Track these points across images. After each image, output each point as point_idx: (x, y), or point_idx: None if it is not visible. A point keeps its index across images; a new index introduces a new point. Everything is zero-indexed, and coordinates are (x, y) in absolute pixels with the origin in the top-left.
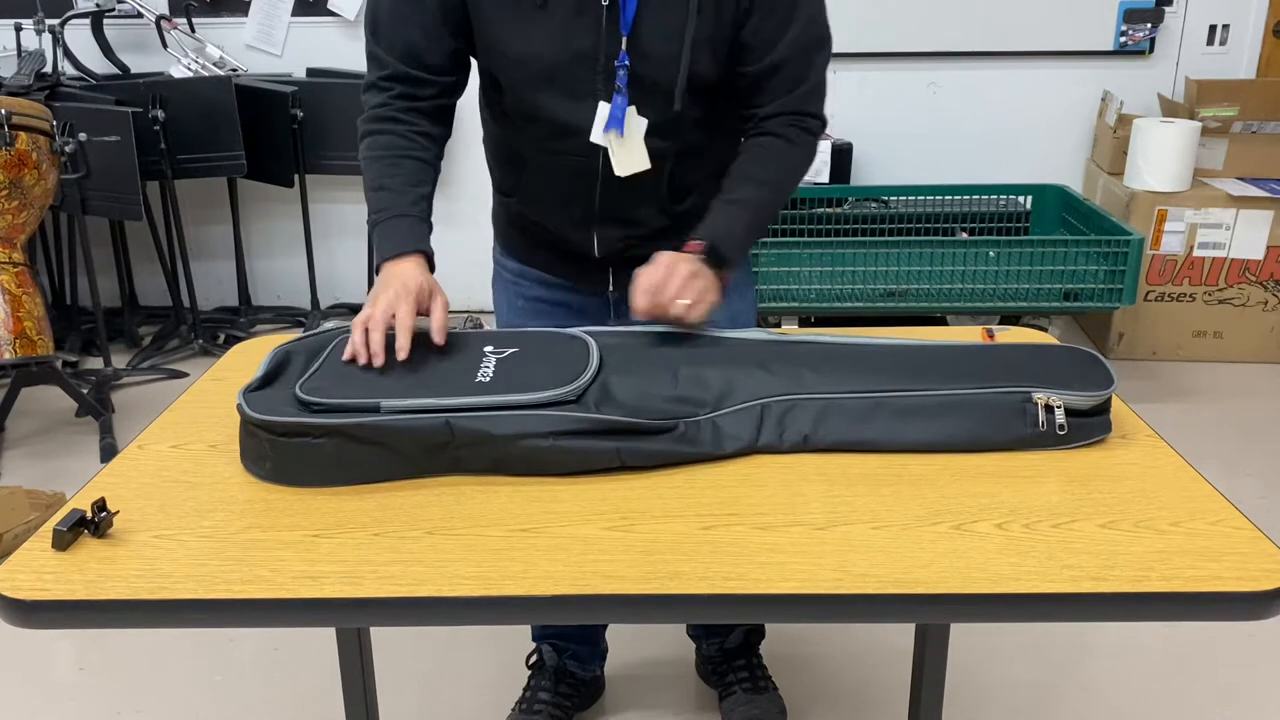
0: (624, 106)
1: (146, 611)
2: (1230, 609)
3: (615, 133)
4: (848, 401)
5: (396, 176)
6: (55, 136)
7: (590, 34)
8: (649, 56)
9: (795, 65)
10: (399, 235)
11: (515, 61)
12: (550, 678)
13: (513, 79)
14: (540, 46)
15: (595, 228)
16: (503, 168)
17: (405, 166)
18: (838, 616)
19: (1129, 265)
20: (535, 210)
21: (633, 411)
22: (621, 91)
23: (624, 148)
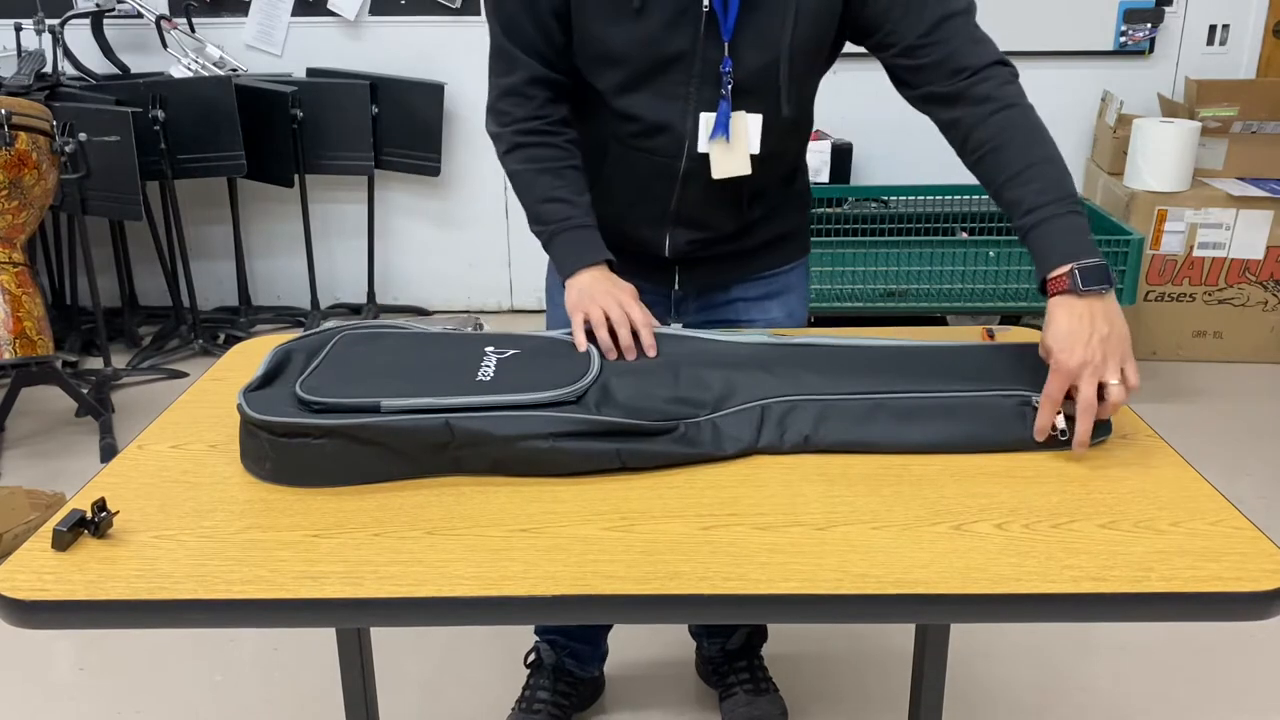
0: (728, 112)
1: (146, 611)
2: (1230, 609)
3: (721, 138)
4: (848, 403)
5: (565, 187)
6: (55, 136)
7: (687, 38)
8: (745, 63)
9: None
10: (586, 246)
11: (611, 61)
12: (549, 676)
13: (607, 77)
14: (637, 48)
15: (668, 228)
16: (583, 161)
17: (569, 177)
18: (838, 616)
19: (1129, 265)
20: (609, 206)
21: (633, 413)
22: (726, 97)
23: (727, 152)
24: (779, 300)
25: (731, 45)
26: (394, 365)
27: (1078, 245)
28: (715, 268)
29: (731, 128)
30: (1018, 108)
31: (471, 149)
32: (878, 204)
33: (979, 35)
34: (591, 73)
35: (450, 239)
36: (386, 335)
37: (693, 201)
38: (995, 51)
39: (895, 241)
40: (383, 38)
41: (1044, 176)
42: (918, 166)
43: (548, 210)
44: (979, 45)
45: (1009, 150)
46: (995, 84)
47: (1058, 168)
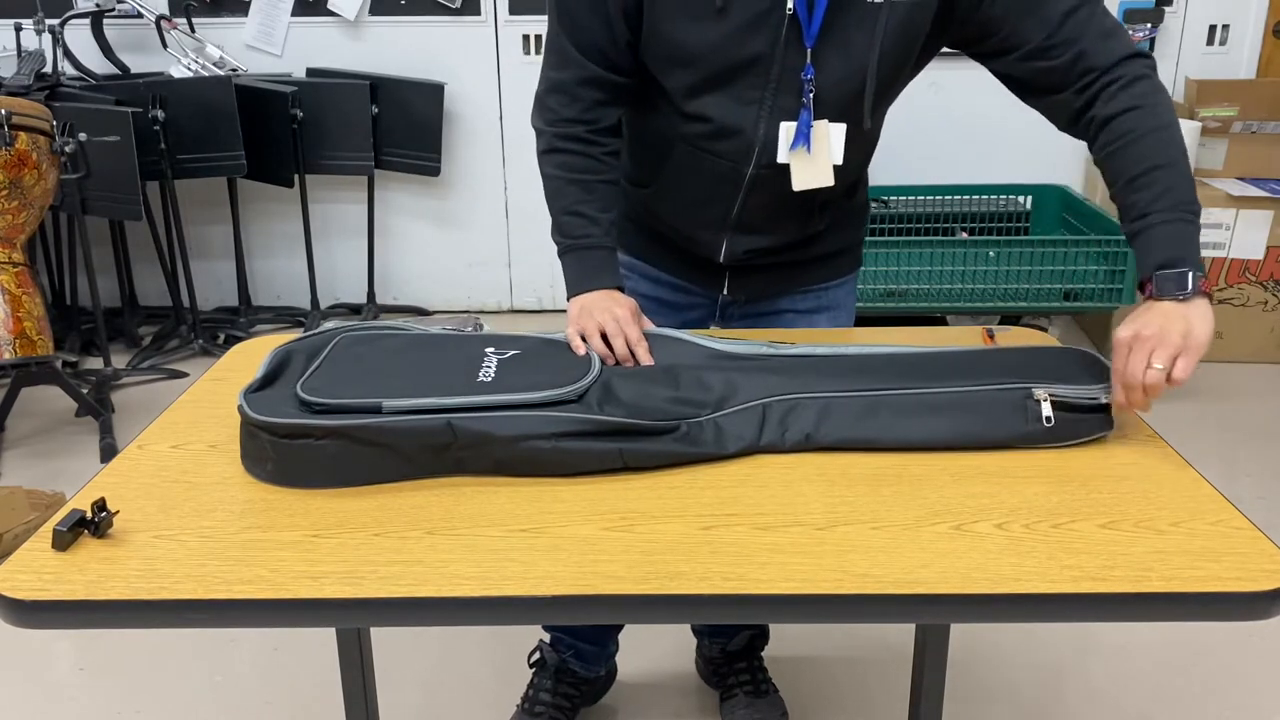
0: (809, 122)
1: (146, 611)
2: (1230, 609)
3: (802, 149)
4: (849, 400)
5: (591, 203)
6: (55, 136)
7: (767, 41)
8: (828, 71)
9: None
10: (598, 267)
11: (685, 61)
12: (551, 677)
13: (678, 77)
14: (715, 49)
15: (728, 234)
16: (642, 158)
17: (598, 191)
18: (838, 616)
19: (1129, 265)
20: (668, 206)
21: (634, 412)
22: (808, 106)
23: (808, 163)
24: (827, 315)
25: (814, 52)
26: (395, 366)
27: (1173, 251)
28: (767, 276)
29: (813, 137)
30: (1144, 109)
31: (471, 149)
32: (878, 204)
33: (1109, 26)
34: (661, 72)
35: (450, 239)
36: (386, 336)
37: (756, 209)
38: (1128, 44)
39: (895, 241)
40: (383, 38)
41: (1158, 183)
42: (918, 166)
43: (568, 223)
44: (1110, 40)
45: (1130, 153)
46: (1124, 83)
47: (1175, 173)
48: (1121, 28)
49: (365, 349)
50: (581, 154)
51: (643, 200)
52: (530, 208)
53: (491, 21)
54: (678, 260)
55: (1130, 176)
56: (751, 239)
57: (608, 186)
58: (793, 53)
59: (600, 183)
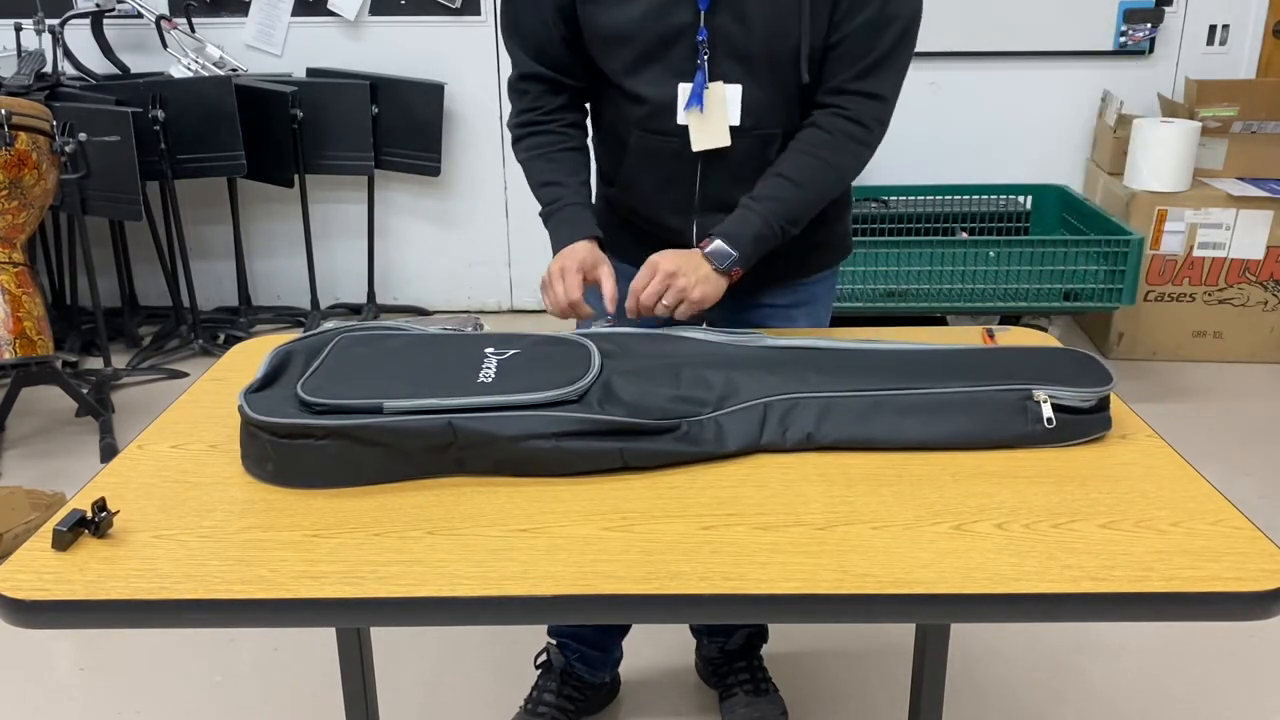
0: (703, 83)
1: (146, 611)
2: (1230, 609)
3: (696, 109)
4: (850, 400)
5: (556, 169)
6: (55, 136)
7: (688, 10)
8: (755, 29)
9: (865, 38)
10: (571, 223)
11: (616, 40)
12: (557, 679)
13: (617, 58)
14: (639, 25)
15: (695, 214)
16: (606, 154)
17: (561, 159)
18: (838, 616)
19: (1129, 265)
20: (634, 197)
21: (635, 411)
22: (702, 67)
23: (703, 123)
24: (806, 309)
25: (738, 12)
26: (395, 366)
27: (738, 232)
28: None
29: (707, 99)
30: (828, 136)
31: (471, 149)
32: (878, 204)
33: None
34: (602, 56)
35: (450, 239)
36: (387, 336)
37: (717, 185)
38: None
39: (895, 241)
40: (383, 38)
41: (780, 189)
42: (918, 166)
43: (543, 194)
44: (870, 70)
45: (787, 157)
46: (838, 111)
47: (798, 192)
48: (898, 69)
49: (365, 349)
50: (540, 133)
51: (615, 197)
52: (530, 207)
53: (491, 21)
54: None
55: (778, 170)
56: (720, 216)
57: (571, 153)
58: (721, 19)
59: (561, 150)
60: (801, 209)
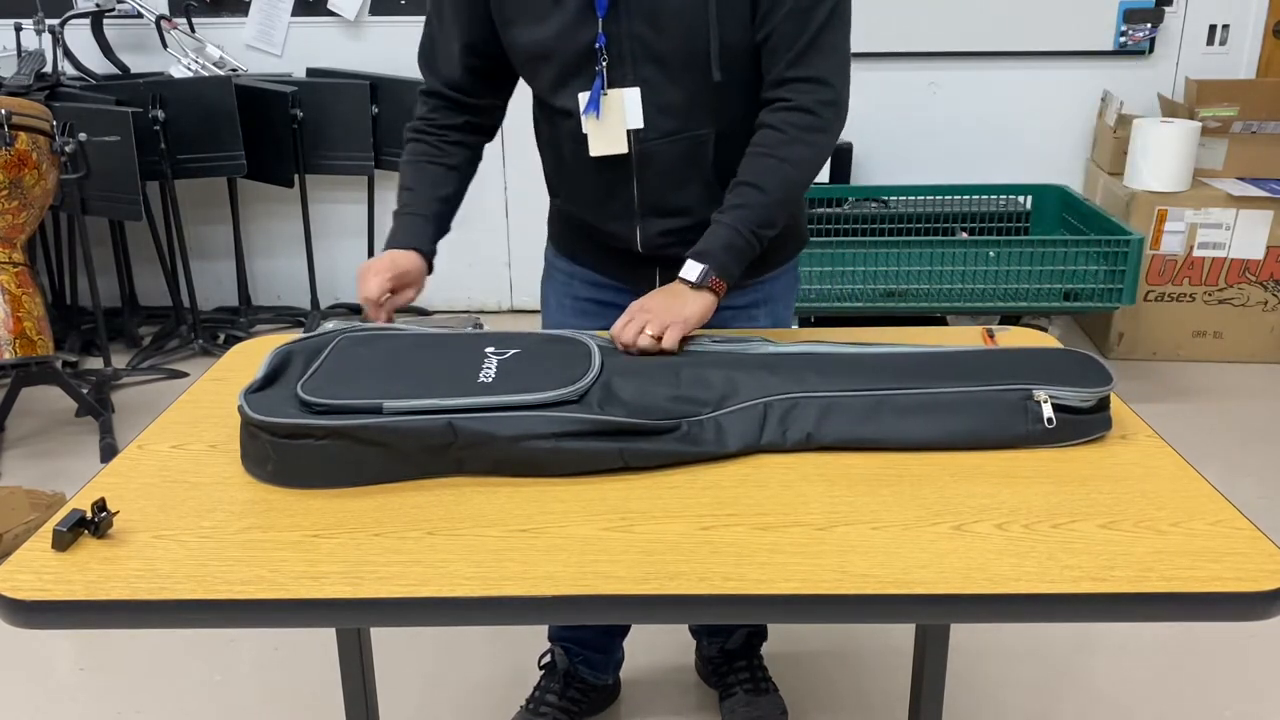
0: (601, 89)
1: (146, 612)
2: (1230, 609)
3: (593, 115)
4: (850, 400)
5: (420, 180)
6: (55, 136)
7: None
8: (668, 30)
9: (792, 26)
10: (406, 230)
11: (537, 59)
12: (560, 681)
13: (538, 77)
14: (554, 41)
15: (637, 220)
16: (549, 168)
17: (430, 172)
18: (838, 616)
19: (1129, 265)
20: (578, 206)
21: (635, 411)
22: (600, 74)
23: (600, 129)
24: (765, 309)
25: (651, 15)
26: (395, 366)
27: (706, 247)
28: None
29: (603, 105)
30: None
31: None
32: (878, 204)
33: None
34: (529, 75)
35: (450, 239)
36: (387, 337)
37: (655, 187)
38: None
39: (895, 241)
40: (383, 38)
41: (744, 196)
42: (918, 166)
43: (399, 196)
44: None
45: (748, 162)
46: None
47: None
48: (833, 50)
49: (366, 350)
50: (422, 143)
51: (563, 207)
52: (530, 207)
53: None
54: (609, 260)
55: (739, 180)
56: (664, 221)
57: (441, 168)
58: (632, 25)
59: (432, 163)
60: (768, 210)
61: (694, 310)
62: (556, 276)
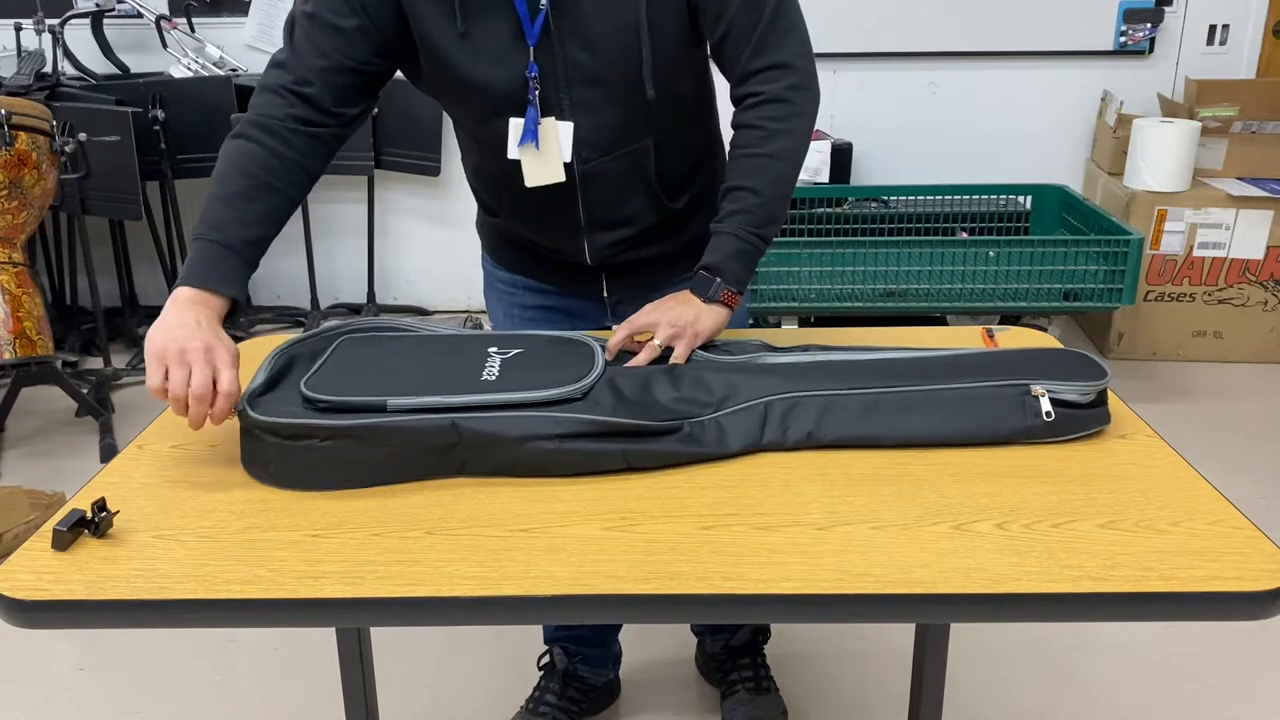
0: (536, 119)
1: (146, 611)
2: (1230, 609)
3: (531, 145)
4: (850, 397)
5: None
6: (55, 136)
7: (526, 53)
8: (601, 52)
9: (746, 18)
10: (212, 265)
11: (470, 91)
12: (559, 681)
13: (466, 107)
14: (488, 72)
15: (584, 235)
16: (484, 189)
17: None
18: (838, 616)
19: (1129, 265)
20: (522, 225)
21: (638, 412)
22: (534, 103)
23: (538, 159)
24: None
25: (583, 36)
26: (398, 366)
27: (716, 258)
28: (644, 270)
29: (541, 135)
30: (760, 132)
31: None
32: (878, 204)
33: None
34: (453, 106)
35: (450, 239)
36: (389, 338)
37: (600, 203)
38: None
39: (895, 241)
40: None
41: (740, 200)
42: (918, 166)
43: (208, 210)
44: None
45: (735, 165)
46: (757, 100)
47: (757, 197)
48: (790, 30)
49: (368, 349)
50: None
51: (501, 225)
52: None
53: None
54: (553, 270)
55: (729, 185)
56: (611, 234)
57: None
58: (568, 49)
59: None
60: (767, 209)
61: (707, 324)
62: (498, 288)
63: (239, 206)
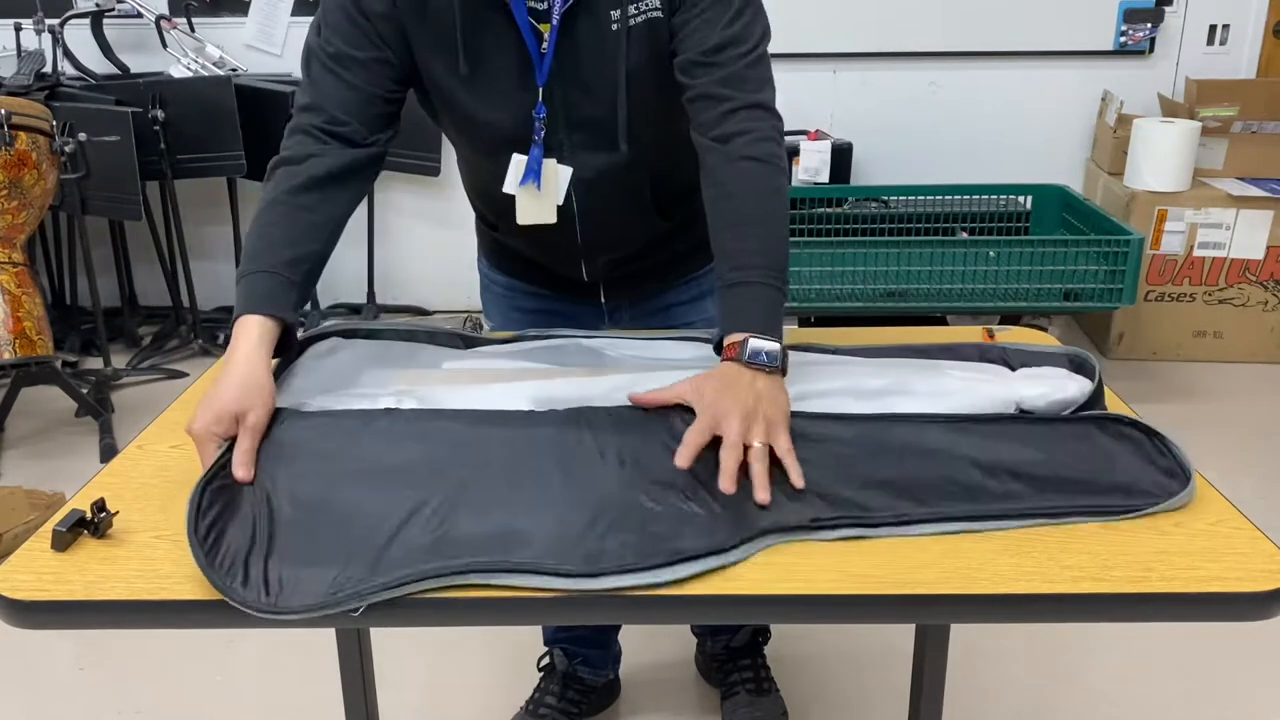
0: (539, 159)
1: (146, 611)
2: (1230, 609)
3: (532, 185)
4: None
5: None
6: (55, 136)
7: (532, 93)
8: (595, 96)
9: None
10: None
11: (481, 125)
12: (559, 682)
13: (475, 141)
14: (491, 113)
15: (581, 256)
16: (483, 205)
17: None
18: (838, 616)
19: (1129, 265)
20: (519, 244)
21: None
22: (538, 143)
23: (535, 199)
24: (713, 298)
25: (576, 81)
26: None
27: (762, 319)
28: (640, 281)
29: (544, 175)
30: (763, 163)
31: None
32: (878, 204)
33: (747, 76)
34: (456, 134)
35: (450, 239)
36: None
37: (597, 228)
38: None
39: (895, 241)
40: None
41: (761, 238)
42: (918, 166)
43: (247, 246)
44: (750, 83)
45: (739, 199)
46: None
47: (778, 234)
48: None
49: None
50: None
51: (501, 239)
52: None
53: None
54: (551, 279)
55: (738, 221)
56: (609, 253)
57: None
58: (568, 93)
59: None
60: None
61: (783, 405)
62: (495, 290)
63: (268, 235)
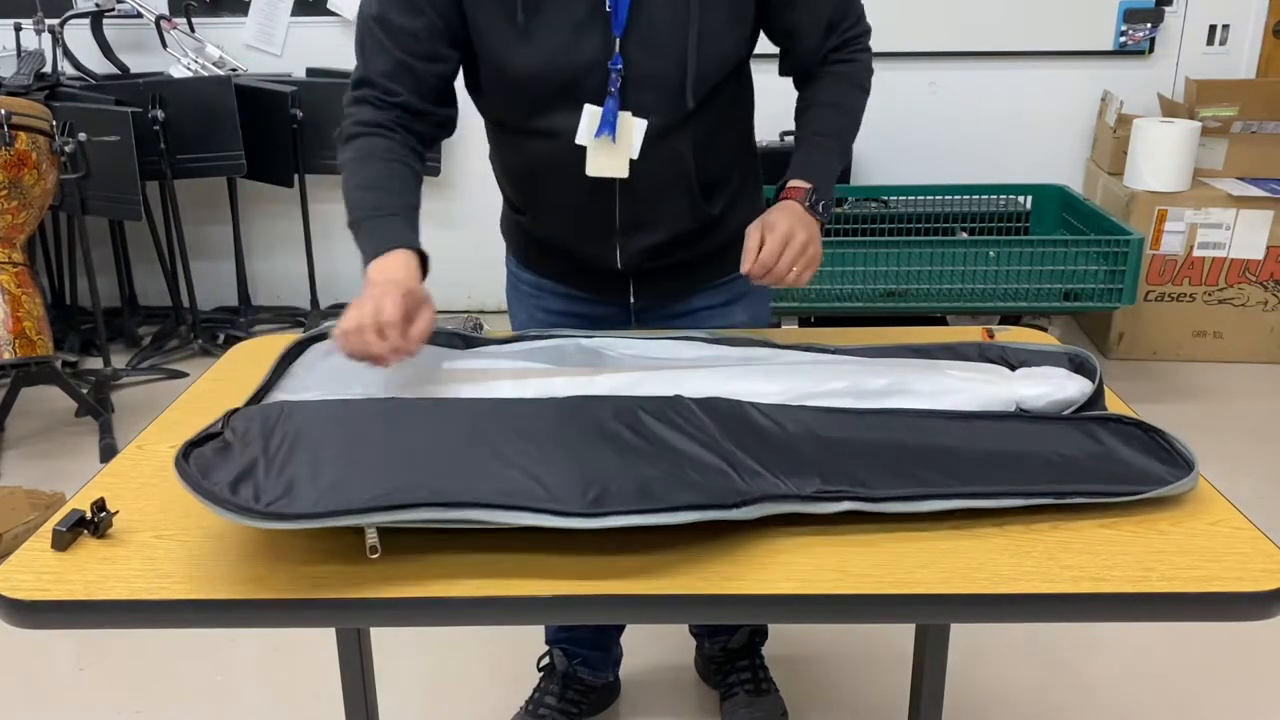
0: (615, 110)
1: (146, 611)
2: (1230, 609)
3: (607, 137)
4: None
5: (392, 180)
6: (55, 136)
7: (597, 42)
8: (657, 53)
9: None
10: (386, 233)
11: (527, 80)
12: (559, 682)
13: (520, 99)
14: (548, 62)
15: (618, 238)
16: (515, 186)
17: (399, 172)
18: (838, 616)
19: (1129, 265)
20: (552, 226)
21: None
22: (614, 95)
23: (609, 152)
24: (742, 304)
25: (635, 39)
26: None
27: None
28: (672, 277)
29: (619, 127)
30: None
31: (472, 149)
32: (878, 204)
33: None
34: (508, 97)
35: (450, 239)
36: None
37: (638, 206)
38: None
39: (895, 241)
40: None
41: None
42: (918, 166)
43: (360, 197)
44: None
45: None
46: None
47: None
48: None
49: None
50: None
51: (527, 224)
52: None
53: None
54: (580, 274)
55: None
56: (643, 237)
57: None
58: (630, 49)
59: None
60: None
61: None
62: (522, 289)
63: (385, 185)
